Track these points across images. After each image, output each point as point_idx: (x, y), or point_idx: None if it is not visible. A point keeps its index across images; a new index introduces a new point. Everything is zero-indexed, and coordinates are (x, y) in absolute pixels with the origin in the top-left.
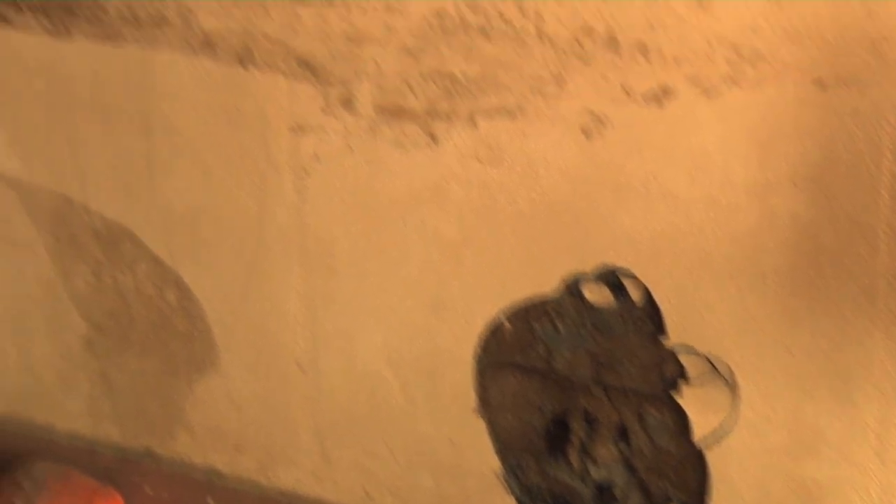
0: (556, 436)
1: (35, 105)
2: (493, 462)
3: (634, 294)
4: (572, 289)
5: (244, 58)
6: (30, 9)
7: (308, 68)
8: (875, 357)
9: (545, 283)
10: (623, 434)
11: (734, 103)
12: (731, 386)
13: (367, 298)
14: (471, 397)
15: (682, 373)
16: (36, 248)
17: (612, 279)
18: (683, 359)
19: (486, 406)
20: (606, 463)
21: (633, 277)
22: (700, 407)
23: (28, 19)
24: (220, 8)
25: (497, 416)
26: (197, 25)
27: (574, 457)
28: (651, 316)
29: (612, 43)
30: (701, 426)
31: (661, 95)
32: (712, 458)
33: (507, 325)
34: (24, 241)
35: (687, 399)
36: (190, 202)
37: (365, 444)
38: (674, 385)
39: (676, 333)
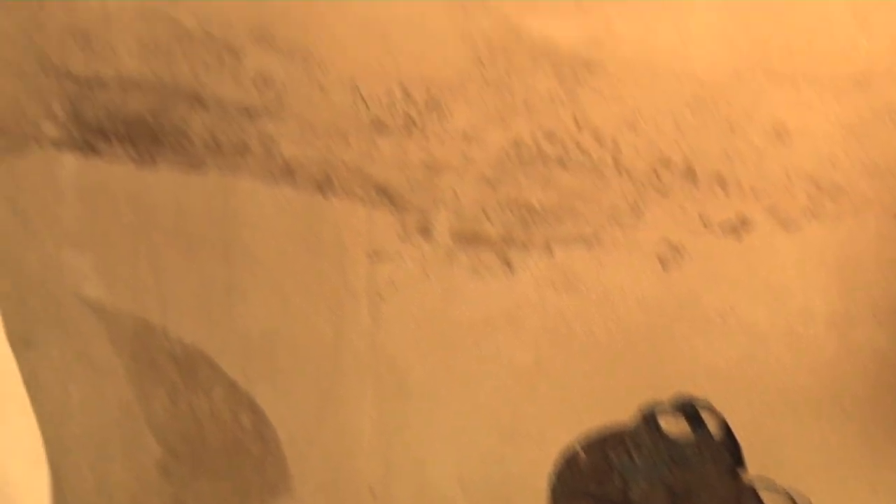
0: None
1: (120, 233)
2: None
3: (712, 425)
4: (649, 419)
5: (323, 185)
6: (117, 138)
7: (386, 196)
8: None
9: (621, 412)
10: None
11: (813, 236)
12: None
13: (440, 424)
14: None
15: None
16: (116, 373)
17: (690, 410)
18: (763, 494)
19: None
20: None
21: (711, 409)
22: None
23: (115, 149)
24: (301, 136)
25: None
26: (278, 153)
27: None
28: (729, 448)
29: (690, 174)
30: None
31: (740, 227)
32: None
33: (582, 454)
34: (105, 366)
35: None
36: (267, 327)
37: None
38: None
39: (755, 466)
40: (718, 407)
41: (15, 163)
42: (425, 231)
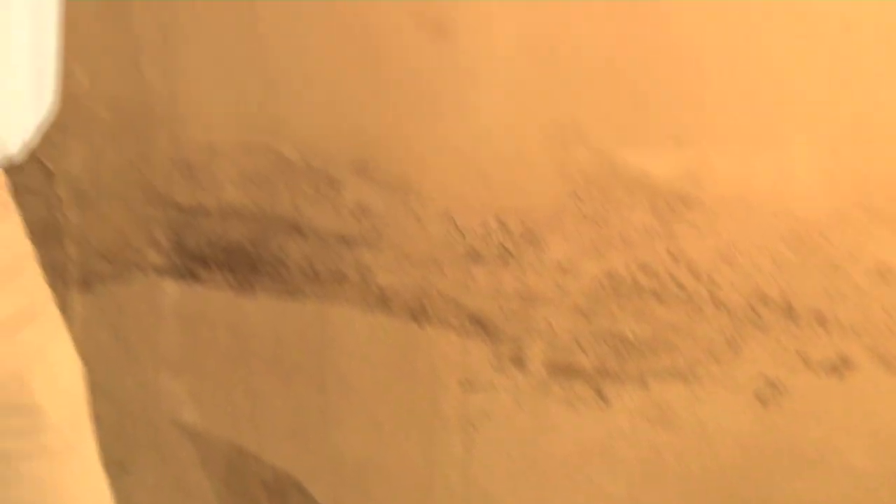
0: None
1: (218, 359)
2: None
3: None
4: None
5: (418, 314)
6: (217, 266)
7: (480, 325)
8: None
9: None
10: None
11: None
12: None
13: None
14: None
15: None
16: (207, 498)
17: None
18: None
19: None
20: None
21: None
22: None
23: (216, 276)
24: (397, 266)
25: None
26: (374, 282)
27: None
28: None
29: (789, 311)
30: None
31: (841, 366)
32: None
33: None
34: (197, 492)
35: None
36: (360, 455)
37: None
38: None
39: None
40: None
41: (118, 289)
42: (519, 361)
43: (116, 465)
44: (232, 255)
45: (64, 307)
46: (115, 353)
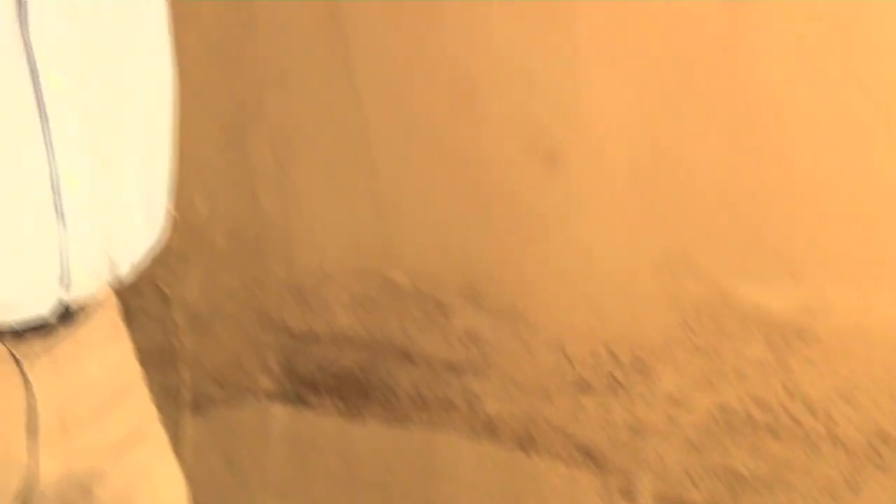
0: None
1: (326, 485)
2: None
3: None
4: None
5: (526, 443)
6: (327, 392)
7: (589, 456)
8: None
9: None
10: None
11: None
12: None
13: None
14: None
15: None
16: None
17: None
18: None
19: None
20: None
21: None
22: None
23: (325, 401)
24: (505, 393)
25: None
26: (482, 410)
27: None
28: None
29: None
30: None
31: None
32: None
33: None
34: None
35: None
36: None
37: None
38: None
39: None
40: None
41: (230, 414)
42: (628, 494)
43: None
44: (342, 381)
45: (176, 430)
46: (225, 477)
